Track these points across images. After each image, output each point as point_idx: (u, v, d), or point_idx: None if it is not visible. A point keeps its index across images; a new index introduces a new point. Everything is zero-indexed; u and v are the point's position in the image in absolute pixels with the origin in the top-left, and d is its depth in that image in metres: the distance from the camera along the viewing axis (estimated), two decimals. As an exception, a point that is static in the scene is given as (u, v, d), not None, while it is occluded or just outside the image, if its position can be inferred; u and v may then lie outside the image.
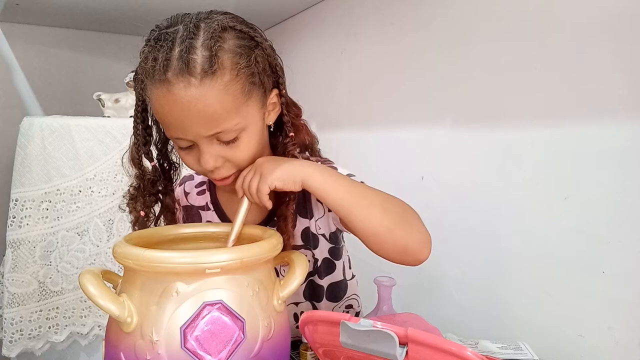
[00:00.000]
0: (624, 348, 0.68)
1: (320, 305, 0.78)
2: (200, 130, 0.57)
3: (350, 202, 0.59)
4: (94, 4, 1.33)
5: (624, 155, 0.67)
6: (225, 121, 0.57)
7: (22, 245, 1.11)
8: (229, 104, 0.56)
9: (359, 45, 1.23)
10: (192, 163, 0.62)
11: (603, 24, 0.69)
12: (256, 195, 0.58)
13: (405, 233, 0.60)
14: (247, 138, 0.60)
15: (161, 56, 0.56)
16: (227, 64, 0.56)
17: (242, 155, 0.61)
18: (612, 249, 0.69)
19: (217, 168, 0.60)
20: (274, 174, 0.57)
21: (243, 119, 0.58)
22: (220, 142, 0.59)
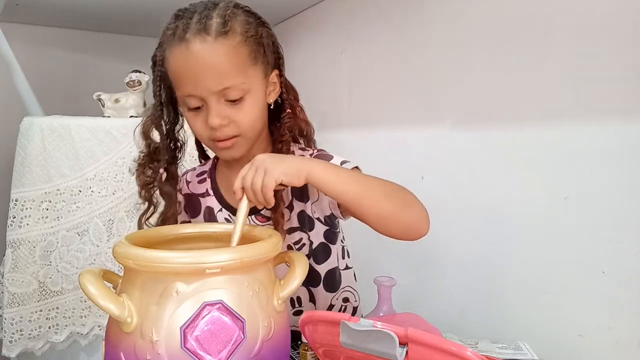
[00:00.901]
0: (624, 348, 0.68)
1: (317, 292, 0.79)
2: (211, 85, 0.63)
3: (356, 192, 0.62)
4: (94, 4, 1.33)
5: (624, 155, 0.67)
6: (233, 77, 0.63)
7: (22, 245, 1.11)
8: (238, 63, 0.64)
9: (359, 45, 1.23)
10: (200, 126, 0.67)
11: (603, 24, 0.69)
12: (261, 191, 0.58)
13: (408, 214, 0.65)
14: (250, 101, 0.66)
15: (181, 24, 0.65)
16: (238, 30, 0.64)
17: (245, 117, 0.66)
18: (612, 249, 0.69)
19: (222, 127, 0.65)
20: (279, 167, 0.58)
21: (248, 80, 0.65)
22: (227, 102, 0.65)
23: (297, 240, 0.76)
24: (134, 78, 1.28)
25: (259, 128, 0.70)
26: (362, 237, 0.94)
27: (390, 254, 1.13)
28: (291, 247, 0.76)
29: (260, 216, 0.75)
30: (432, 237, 1.01)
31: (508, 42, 0.83)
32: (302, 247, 0.76)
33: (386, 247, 1.15)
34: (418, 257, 1.06)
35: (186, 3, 0.74)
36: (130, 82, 1.28)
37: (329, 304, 0.82)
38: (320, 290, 0.80)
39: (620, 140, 0.68)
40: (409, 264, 1.08)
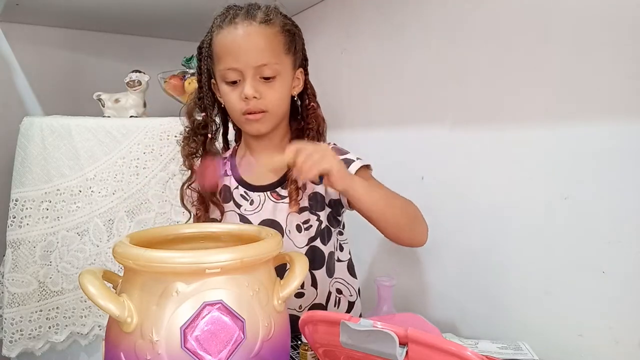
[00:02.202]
0: (624, 348, 0.68)
1: (318, 275, 0.83)
2: (251, 60, 0.76)
3: (382, 209, 0.74)
4: (94, 4, 1.33)
5: (624, 155, 0.67)
6: (270, 57, 0.76)
7: (22, 245, 1.11)
8: (275, 47, 0.77)
9: (359, 45, 1.23)
10: (235, 99, 0.78)
11: (603, 23, 0.69)
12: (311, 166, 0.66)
13: (416, 228, 0.78)
14: (280, 83, 0.78)
15: (232, 12, 0.78)
16: (277, 23, 0.79)
17: (274, 95, 0.78)
18: (612, 249, 0.69)
19: (255, 99, 0.76)
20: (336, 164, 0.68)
21: (281, 64, 0.78)
22: (261, 79, 0.77)
23: (306, 220, 0.83)
24: (134, 78, 1.28)
25: (283, 110, 0.82)
26: (363, 237, 0.95)
27: (390, 254, 1.13)
28: (300, 226, 0.82)
29: (276, 193, 0.83)
30: (432, 237, 1.01)
31: (508, 42, 0.83)
32: (309, 228, 0.83)
33: (386, 248, 1.15)
34: (418, 257, 1.06)
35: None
36: (130, 82, 1.28)
37: (327, 290, 0.86)
38: (322, 274, 0.84)
39: (620, 141, 0.68)
40: (409, 264, 1.08)
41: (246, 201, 0.84)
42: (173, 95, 1.38)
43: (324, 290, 0.85)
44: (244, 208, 0.84)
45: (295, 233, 0.82)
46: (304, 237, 0.82)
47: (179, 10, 1.39)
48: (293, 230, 0.82)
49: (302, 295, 0.82)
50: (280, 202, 0.82)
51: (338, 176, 0.69)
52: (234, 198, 0.85)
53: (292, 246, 0.82)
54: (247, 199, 0.84)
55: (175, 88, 1.36)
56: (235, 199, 0.85)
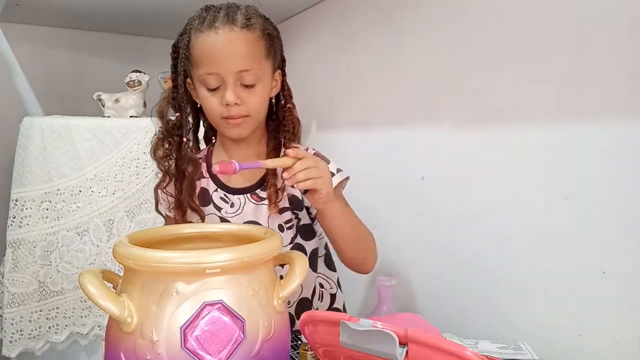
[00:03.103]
0: (624, 348, 0.68)
1: None
2: (232, 65, 0.73)
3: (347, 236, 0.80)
4: (94, 4, 1.33)
5: (624, 155, 0.67)
6: (251, 63, 0.74)
7: (22, 245, 1.11)
8: (256, 52, 0.76)
9: (358, 46, 1.23)
10: (215, 104, 0.76)
11: (603, 24, 0.69)
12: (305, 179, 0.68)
13: (368, 261, 0.85)
14: (261, 88, 0.77)
15: (210, 15, 0.75)
16: (258, 27, 0.76)
17: (255, 100, 0.77)
18: (612, 249, 0.69)
19: (235, 105, 0.75)
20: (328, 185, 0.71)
21: (262, 69, 0.77)
22: (242, 85, 0.75)
23: (288, 219, 0.84)
24: (134, 78, 1.28)
25: (263, 114, 0.81)
26: (362, 237, 0.94)
27: (390, 255, 1.13)
28: (282, 226, 0.83)
29: (256, 195, 0.83)
30: (432, 237, 1.01)
31: (508, 41, 0.83)
32: (291, 227, 0.84)
33: (386, 248, 1.15)
34: (418, 257, 1.06)
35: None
36: (130, 82, 1.28)
37: (313, 284, 0.88)
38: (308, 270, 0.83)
39: (620, 140, 0.68)
40: (409, 264, 1.08)
41: (226, 204, 0.83)
42: (173, 95, 1.38)
43: (310, 286, 0.87)
44: (225, 211, 0.83)
45: None
46: (287, 235, 0.83)
47: (179, 10, 1.39)
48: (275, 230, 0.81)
49: None
50: (261, 204, 0.82)
51: (324, 198, 0.71)
52: (214, 201, 0.83)
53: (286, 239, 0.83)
54: (227, 202, 0.83)
55: (175, 88, 1.36)
56: (215, 201, 0.83)
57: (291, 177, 0.68)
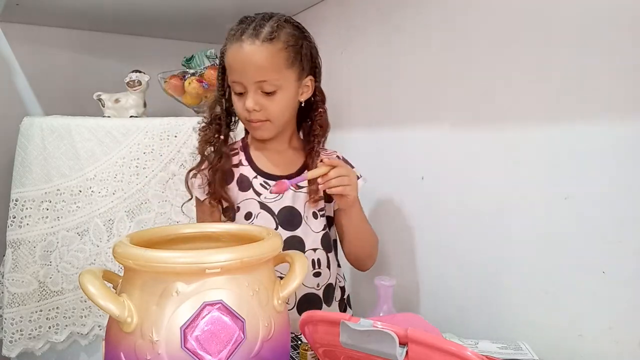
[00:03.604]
0: (624, 348, 0.68)
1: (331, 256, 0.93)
2: (251, 76, 0.82)
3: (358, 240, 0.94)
4: (94, 4, 1.33)
5: (624, 155, 0.67)
6: (269, 74, 0.82)
7: (22, 245, 1.11)
8: (276, 63, 0.82)
9: (358, 46, 1.23)
10: (240, 108, 0.86)
11: (603, 23, 0.69)
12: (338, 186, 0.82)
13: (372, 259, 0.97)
14: (281, 96, 0.84)
15: (241, 28, 0.84)
16: (282, 39, 0.83)
17: (275, 107, 0.84)
18: (612, 249, 0.69)
19: (255, 111, 0.84)
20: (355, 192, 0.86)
21: (282, 79, 0.83)
22: (262, 93, 0.83)
23: (321, 208, 0.92)
24: (134, 78, 1.28)
25: (286, 118, 0.89)
26: (362, 237, 0.94)
27: (391, 254, 1.13)
28: (316, 213, 0.91)
29: (296, 185, 0.90)
30: (432, 237, 1.01)
31: (508, 42, 0.83)
32: (323, 215, 0.93)
33: (386, 248, 1.15)
34: (418, 257, 1.06)
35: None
36: (130, 82, 1.28)
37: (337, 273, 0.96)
38: (333, 257, 0.94)
39: (620, 140, 0.68)
40: (409, 264, 1.08)
41: (266, 190, 0.90)
42: (173, 95, 1.38)
43: (334, 272, 0.94)
44: (264, 196, 0.90)
45: (312, 219, 0.90)
46: (320, 223, 0.91)
47: (179, 10, 1.39)
48: (310, 217, 0.90)
49: (319, 274, 0.90)
50: (299, 192, 0.90)
51: (351, 202, 0.86)
52: (253, 186, 0.90)
53: (309, 231, 0.90)
54: (267, 188, 0.90)
55: (175, 88, 1.36)
56: (255, 187, 0.90)
57: (325, 183, 0.81)
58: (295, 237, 0.88)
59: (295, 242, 0.88)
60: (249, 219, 0.89)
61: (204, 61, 1.39)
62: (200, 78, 1.33)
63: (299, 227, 0.89)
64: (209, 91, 1.33)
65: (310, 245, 0.89)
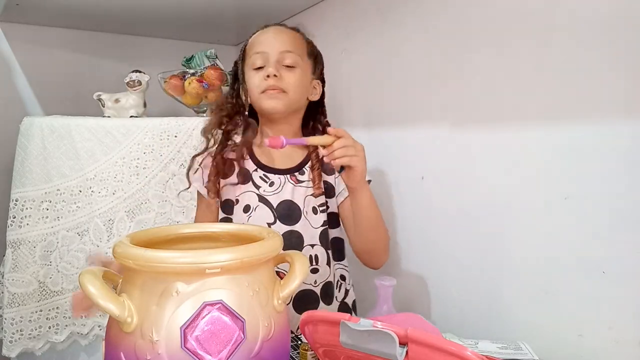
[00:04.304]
0: (624, 348, 0.68)
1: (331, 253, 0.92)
2: (276, 45, 0.88)
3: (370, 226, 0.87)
4: (94, 4, 1.33)
5: (624, 155, 0.67)
6: (293, 48, 0.89)
7: (22, 245, 1.11)
8: (298, 45, 0.90)
9: (359, 45, 1.23)
10: (257, 79, 0.88)
11: (603, 23, 0.69)
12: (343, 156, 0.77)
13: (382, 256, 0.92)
14: (300, 73, 0.89)
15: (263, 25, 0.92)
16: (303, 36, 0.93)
17: (293, 78, 0.88)
18: (612, 249, 0.69)
19: (274, 77, 0.86)
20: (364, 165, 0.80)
21: (302, 59, 0.90)
22: (283, 66, 0.87)
23: (322, 203, 0.91)
24: (134, 78, 1.28)
25: (298, 98, 0.90)
26: (362, 237, 0.94)
27: (390, 254, 1.13)
28: (316, 209, 0.90)
29: (294, 177, 0.91)
30: (432, 237, 1.01)
31: (508, 42, 0.83)
32: (324, 211, 0.91)
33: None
34: (418, 257, 1.06)
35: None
36: (130, 82, 1.28)
37: (332, 272, 0.93)
38: (332, 256, 0.92)
39: (621, 140, 0.68)
40: (409, 264, 1.08)
41: (265, 183, 0.90)
42: (173, 95, 1.38)
43: (334, 271, 0.93)
44: (263, 189, 0.90)
45: (311, 214, 0.90)
46: (320, 218, 0.90)
47: (179, 10, 1.39)
48: (310, 212, 0.90)
49: (316, 271, 0.88)
50: (298, 186, 0.90)
51: (359, 176, 0.80)
52: (253, 179, 0.91)
53: (308, 226, 0.89)
54: (267, 181, 0.90)
55: (175, 88, 1.36)
56: (254, 180, 0.90)
57: (330, 154, 0.77)
58: (293, 232, 0.88)
59: (294, 237, 0.88)
60: (247, 211, 0.89)
61: (204, 61, 1.39)
62: (200, 78, 1.33)
63: (298, 221, 0.88)
64: (208, 91, 1.33)
65: (308, 240, 0.89)
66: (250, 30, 0.96)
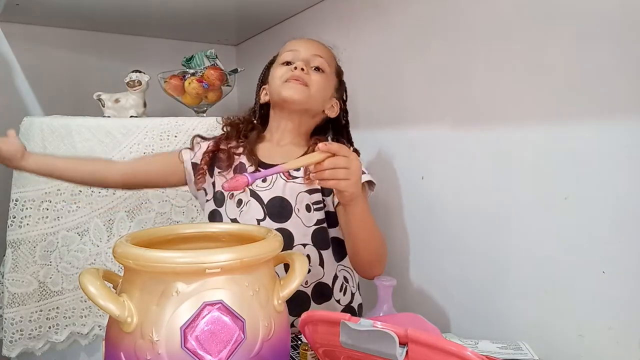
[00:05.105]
0: (624, 348, 0.68)
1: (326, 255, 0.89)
2: (310, 47, 0.92)
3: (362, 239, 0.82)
4: (94, 4, 1.33)
5: (624, 155, 0.67)
6: (325, 56, 0.93)
7: (22, 245, 1.11)
8: (328, 56, 0.94)
9: (359, 45, 1.23)
10: (282, 70, 0.90)
11: (603, 23, 0.69)
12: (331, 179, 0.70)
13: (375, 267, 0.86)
14: (325, 79, 0.92)
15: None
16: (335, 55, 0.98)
17: (317, 79, 0.90)
18: (612, 249, 0.69)
19: (301, 70, 0.88)
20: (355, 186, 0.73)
21: (330, 69, 0.94)
22: (311, 67, 0.90)
23: (317, 201, 0.88)
24: (134, 78, 1.28)
25: (318, 99, 0.91)
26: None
27: (390, 254, 1.13)
28: (309, 206, 0.87)
29: (287, 173, 0.88)
30: (432, 237, 1.01)
31: (508, 41, 0.83)
32: (318, 209, 0.88)
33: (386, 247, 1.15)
34: (418, 257, 1.06)
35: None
36: (130, 82, 1.28)
37: (334, 273, 0.90)
38: (329, 255, 0.89)
39: (620, 140, 0.68)
40: (409, 264, 1.08)
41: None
42: (173, 95, 1.38)
43: (331, 272, 0.90)
44: (255, 184, 0.88)
45: (304, 212, 0.87)
46: (313, 216, 0.87)
47: (179, 10, 1.39)
48: (302, 209, 0.87)
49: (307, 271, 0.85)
50: (291, 182, 0.88)
51: (347, 198, 0.74)
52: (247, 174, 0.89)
53: (300, 224, 0.86)
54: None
55: (175, 88, 1.36)
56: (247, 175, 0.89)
57: (318, 173, 0.69)
58: (283, 230, 0.84)
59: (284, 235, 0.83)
60: (239, 205, 0.88)
61: (204, 61, 1.39)
62: (200, 78, 1.33)
63: (289, 219, 0.86)
64: (208, 91, 1.33)
65: (299, 239, 0.86)
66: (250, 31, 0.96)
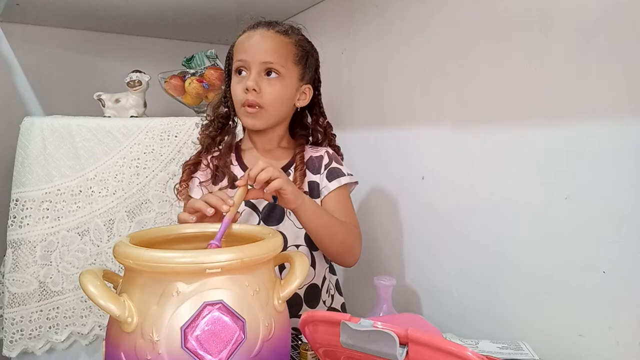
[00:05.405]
0: (625, 348, 0.68)
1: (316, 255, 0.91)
2: (259, 56, 0.85)
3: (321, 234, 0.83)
4: (94, 4, 1.33)
5: (625, 154, 0.67)
6: (275, 59, 0.85)
7: (22, 245, 1.11)
8: (283, 53, 0.86)
9: (359, 45, 1.23)
10: (239, 89, 0.87)
11: (603, 23, 0.69)
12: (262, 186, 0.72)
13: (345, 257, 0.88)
14: (282, 85, 0.86)
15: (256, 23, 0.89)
16: (293, 37, 0.88)
17: (272, 92, 0.85)
18: (612, 249, 0.69)
19: (253, 91, 0.84)
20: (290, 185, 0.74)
21: (286, 69, 0.86)
22: (264, 76, 0.85)
23: None
24: (134, 78, 1.28)
25: (280, 111, 0.89)
26: (363, 236, 0.95)
27: (391, 254, 1.13)
28: None
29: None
30: (432, 237, 1.01)
31: (508, 41, 0.83)
32: None
33: (386, 247, 1.15)
34: (418, 257, 1.06)
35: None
36: (130, 82, 1.28)
37: (323, 274, 0.93)
38: (319, 256, 0.92)
39: (620, 140, 0.68)
40: (409, 264, 1.08)
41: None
42: (173, 95, 1.38)
43: (320, 273, 0.92)
44: None
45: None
46: None
47: (179, 10, 1.39)
48: None
49: None
50: None
51: (291, 197, 0.75)
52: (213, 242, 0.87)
53: (292, 227, 0.88)
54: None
55: (175, 88, 1.36)
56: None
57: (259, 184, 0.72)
58: None
59: None
60: None
61: (204, 61, 1.39)
62: (200, 78, 1.33)
63: (281, 222, 0.88)
64: (209, 91, 1.33)
65: (292, 241, 0.88)
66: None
